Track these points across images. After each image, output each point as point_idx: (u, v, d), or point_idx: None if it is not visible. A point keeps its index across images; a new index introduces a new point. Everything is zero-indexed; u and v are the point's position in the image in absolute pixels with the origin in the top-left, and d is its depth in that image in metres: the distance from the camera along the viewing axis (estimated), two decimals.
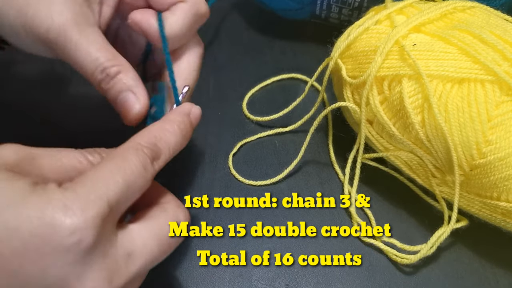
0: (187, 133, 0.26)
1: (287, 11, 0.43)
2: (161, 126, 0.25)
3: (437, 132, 0.28)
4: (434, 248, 0.31)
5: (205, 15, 0.30)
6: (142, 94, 0.27)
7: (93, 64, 0.26)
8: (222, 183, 0.35)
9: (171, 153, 0.25)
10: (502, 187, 0.27)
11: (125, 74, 0.27)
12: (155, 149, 0.23)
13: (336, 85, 0.36)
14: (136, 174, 0.21)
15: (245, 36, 0.46)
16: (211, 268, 0.31)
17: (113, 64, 0.26)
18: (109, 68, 0.26)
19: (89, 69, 0.26)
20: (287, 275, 0.31)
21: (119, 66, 0.27)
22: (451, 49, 0.29)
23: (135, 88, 0.27)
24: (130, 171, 0.21)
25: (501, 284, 0.31)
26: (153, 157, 0.23)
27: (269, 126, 0.39)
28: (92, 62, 0.26)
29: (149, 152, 0.23)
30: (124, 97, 0.27)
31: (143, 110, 0.27)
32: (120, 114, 0.27)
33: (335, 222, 0.33)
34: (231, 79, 0.42)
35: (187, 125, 0.26)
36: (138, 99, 0.27)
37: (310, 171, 0.36)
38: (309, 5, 0.41)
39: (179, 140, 0.25)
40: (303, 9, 0.42)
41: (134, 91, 0.27)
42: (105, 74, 0.26)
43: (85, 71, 0.26)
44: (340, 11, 0.41)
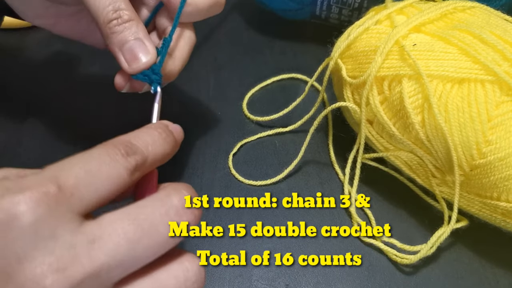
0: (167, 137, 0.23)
1: (287, 12, 0.43)
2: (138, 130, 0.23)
3: (437, 132, 0.28)
4: (434, 248, 0.31)
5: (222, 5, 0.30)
6: (152, 47, 0.27)
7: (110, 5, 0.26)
8: (222, 183, 0.35)
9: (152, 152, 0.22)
10: (502, 187, 0.27)
11: (137, 24, 0.26)
12: (128, 145, 0.21)
13: (336, 85, 0.36)
14: (98, 160, 0.19)
15: (245, 36, 0.46)
16: (211, 268, 0.31)
17: (128, 9, 0.26)
18: (123, 10, 0.26)
19: (103, 4, 0.26)
20: (287, 275, 0.31)
21: (133, 14, 0.26)
22: (451, 49, 0.29)
23: (145, 39, 0.27)
24: (91, 157, 0.19)
25: (501, 284, 0.31)
26: (126, 151, 0.20)
27: (269, 126, 0.39)
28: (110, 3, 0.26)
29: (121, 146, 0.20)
30: (135, 45, 0.26)
31: (150, 62, 0.27)
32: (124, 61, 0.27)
33: (335, 222, 0.33)
34: (231, 79, 0.42)
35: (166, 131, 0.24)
36: (148, 50, 0.27)
37: (310, 171, 0.36)
38: (309, 6, 0.41)
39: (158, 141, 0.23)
40: (303, 9, 0.42)
41: (144, 42, 0.27)
42: (118, 14, 0.26)
43: (97, 6, 0.26)
44: (340, 12, 0.41)
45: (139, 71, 0.27)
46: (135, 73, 0.27)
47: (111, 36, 0.27)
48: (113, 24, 0.26)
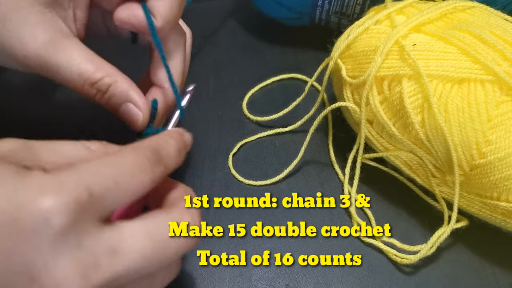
0: (181, 151, 0.25)
1: (285, 19, 0.43)
2: (161, 137, 0.24)
3: (437, 132, 0.28)
4: (434, 248, 0.31)
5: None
6: (142, 102, 0.27)
7: (80, 79, 0.25)
8: (222, 183, 0.35)
9: (171, 165, 0.23)
10: (502, 187, 0.27)
11: (115, 86, 0.26)
12: (156, 154, 0.22)
13: (336, 85, 0.36)
14: (129, 173, 0.20)
15: (245, 36, 0.46)
16: (211, 268, 0.31)
17: (100, 76, 0.26)
18: (97, 82, 0.26)
19: (78, 85, 0.26)
20: (287, 275, 0.31)
21: (106, 77, 0.26)
22: (451, 49, 0.29)
23: (132, 96, 0.27)
24: (123, 168, 0.20)
25: (501, 284, 0.31)
26: (154, 161, 0.22)
27: (269, 126, 0.39)
28: (79, 78, 0.25)
29: (150, 155, 0.22)
30: (125, 109, 0.27)
31: (146, 116, 0.27)
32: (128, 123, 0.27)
33: (335, 222, 0.33)
34: (231, 79, 0.42)
35: (182, 144, 0.25)
36: (140, 108, 0.27)
37: (310, 171, 0.36)
38: (308, 15, 0.41)
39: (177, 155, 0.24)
40: (302, 18, 0.42)
41: (132, 101, 0.27)
42: (96, 89, 0.26)
43: (75, 88, 0.26)
44: (339, 21, 0.41)
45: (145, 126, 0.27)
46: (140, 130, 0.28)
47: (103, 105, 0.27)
48: (98, 97, 0.26)
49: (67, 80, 0.25)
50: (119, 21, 0.27)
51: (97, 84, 0.26)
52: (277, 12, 0.42)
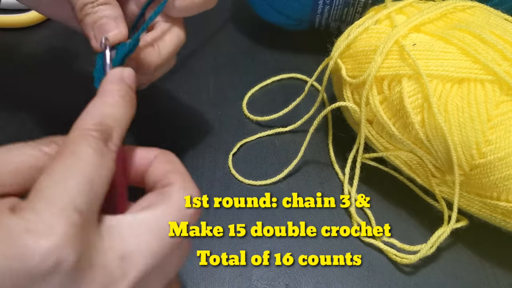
0: (130, 99, 0.23)
1: (285, 25, 0.43)
2: (100, 101, 0.22)
3: (437, 132, 0.28)
4: (434, 248, 0.31)
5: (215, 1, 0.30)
6: (123, 26, 0.27)
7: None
8: (222, 183, 0.35)
9: (123, 126, 0.22)
10: (502, 187, 0.27)
11: (112, 7, 0.27)
12: (104, 129, 0.20)
13: (336, 85, 0.36)
14: (94, 166, 0.19)
15: (245, 36, 0.46)
16: (211, 268, 0.31)
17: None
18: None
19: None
20: (287, 275, 0.31)
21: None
22: (451, 49, 0.29)
23: (117, 19, 0.26)
24: (86, 164, 0.18)
25: (501, 284, 0.31)
26: (105, 138, 0.20)
27: (269, 126, 0.39)
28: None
29: (99, 134, 0.20)
30: (105, 22, 0.26)
31: (118, 37, 0.26)
32: (92, 36, 0.26)
33: (335, 222, 0.33)
34: (231, 79, 0.42)
35: (127, 91, 0.23)
36: (118, 27, 0.26)
37: (310, 171, 0.36)
38: (307, 21, 0.41)
39: (125, 110, 0.22)
40: (301, 24, 0.42)
41: (116, 21, 0.26)
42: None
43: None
44: (339, 27, 0.42)
45: (104, 45, 0.26)
46: (99, 49, 0.26)
47: (85, 18, 0.26)
48: (88, 7, 0.26)
49: None
50: None
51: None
52: (277, 19, 0.42)
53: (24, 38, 0.45)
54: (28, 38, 0.45)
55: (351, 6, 0.39)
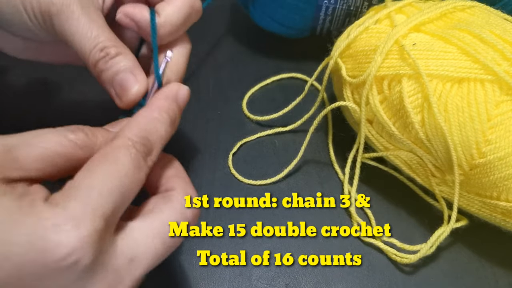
0: (175, 119, 0.25)
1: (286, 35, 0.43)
2: (150, 115, 0.23)
3: (436, 132, 0.28)
4: (434, 248, 0.31)
5: (199, 11, 0.29)
6: (142, 76, 0.26)
7: (94, 41, 0.25)
8: (222, 183, 0.35)
9: (163, 144, 0.23)
10: (502, 187, 0.27)
11: (125, 56, 0.26)
12: (147, 144, 0.22)
13: (336, 84, 0.36)
14: (130, 178, 0.20)
15: (245, 35, 0.46)
16: (211, 268, 0.31)
17: (114, 45, 0.26)
18: (109, 48, 0.26)
19: (88, 46, 0.25)
20: (287, 275, 0.31)
21: (119, 48, 0.26)
22: (451, 48, 0.29)
23: (134, 69, 0.26)
24: (123, 175, 0.20)
25: (501, 284, 0.31)
26: (146, 152, 0.21)
27: (269, 125, 0.39)
28: (93, 39, 0.25)
29: (142, 147, 0.21)
30: (123, 77, 0.26)
31: (141, 91, 0.26)
32: (115, 95, 0.27)
33: (335, 222, 0.33)
34: (231, 79, 0.42)
35: (176, 111, 0.25)
36: (138, 80, 0.26)
37: (310, 171, 0.36)
38: (308, 31, 0.41)
39: (169, 129, 0.24)
40: (302, 33, 0.42)
41: (133, 73, 0.26)
42: (105, 53, 0.26)
43: (83, 49, 0.26)
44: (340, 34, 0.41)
45: (131, 103, 0.26)
46: (128, 107, 0.26)
47: (101, 75, 0.26)
48: (101, 63, 0.26)
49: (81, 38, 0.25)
50: (123, 13, 0.27)
51: (108, 49, 0.26)
52: (278, 29, 0.42)
53: None
54: None
55: (353, 16, 0.39)
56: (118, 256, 0.19)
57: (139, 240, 0.20)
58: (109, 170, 0.20)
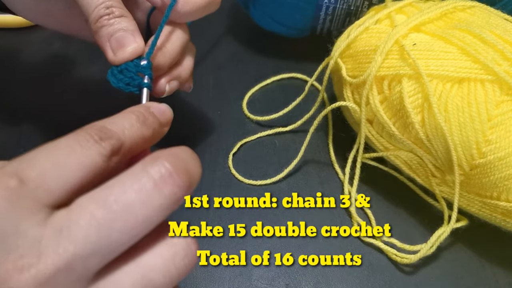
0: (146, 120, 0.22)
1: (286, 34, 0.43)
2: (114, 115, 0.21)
3: (437, 132, 0.28)
4: (434, 248, 0.31)
5: (218, 3, 0.30)
6: (140, 39, 0.27)
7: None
8: (222, 183, 0.35)
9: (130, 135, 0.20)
10: (502, 187, 0.27)
11: (128, 20, 0.27)
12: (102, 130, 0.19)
13: (336, 84, 0.36)
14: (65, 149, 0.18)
15: (245, 35, 0.46)
16: (211, 268, 0.31)
17: (120, 7, 0.27)
18: (115, 8, 0.26)
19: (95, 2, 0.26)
20: (287, 275, 0.31)
21: (124, 11, 0.27)
22: (451, 48, 0.29)
23: (134, 32, 0.27)
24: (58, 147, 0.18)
25: (501, 284, 0.31)
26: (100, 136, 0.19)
27: (269, 125, 0.39)
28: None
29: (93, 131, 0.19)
30: (122, 35, 0.27)
31: (137, 51, 0.27)
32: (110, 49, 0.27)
33: (335, 222, 0.33)
34: (231, 79, 0.42)
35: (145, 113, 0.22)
36: (136, 41, 0.27)
37: (310, 171, 0.36)
38: (308, 30, 0.41)
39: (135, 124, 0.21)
40: (302, 33, 0.42)
41: (133, 34, 0.27)
42: (110, 10, 0.26)
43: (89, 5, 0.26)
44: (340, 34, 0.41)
45: (124, 60, 0.27)
46: (120, 62, 0.27)
47: (100, 30, 0.27)
48: (104, 19, 0.26)
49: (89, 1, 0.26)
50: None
51: (113, 9, 0.26)
52: (278, 29, 0.42)
53: (24, 38, 0.45)
54: (28, 38, 0.45)
55: (353, 15, 0.39)
56: (42, 227, 0.16)
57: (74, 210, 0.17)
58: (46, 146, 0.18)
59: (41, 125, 0.38)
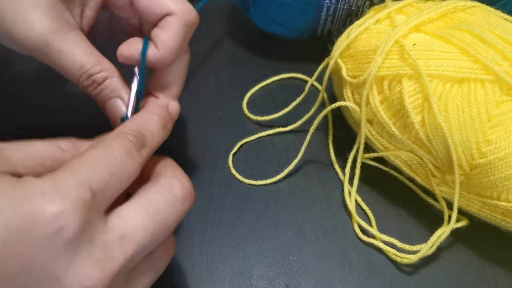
0: (167, 125, 0.26)
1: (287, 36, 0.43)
2: (143, 116, 0.25)
3: (437, 132, 0.28)
4: (434, 248, 0.31)
5: (195, 23, 0.29)
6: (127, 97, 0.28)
7: (78, 70, 0.26)
8: (222, 183, 0.35)
9: (155, 142, 0.24)
10: (502, 187, 0.27)
11: (111, 80, 0.27)
12: (140, 136, 0.23)
13: (336, 84, 0.36)
14: (120, 161, 0.21)
15: (245, 36, 0.46)
16: (211, 268, 0.31)
17: (99, 70, 0.27)
18: (94, 75, 0.26)
19: (74, 75, 0.26)
20: (287, 275, 0.31)
21: (104, 71, 0.27)
22: (451, 48, 0.29)
23: (122, 93, 0.28)
24: (114, 157, 0.21)
25: (501, 284, 0.31)
26: (139, 144, 0.22)
27: (269, 125, 0.39)
28: (77, 69, 0.26)
29: (134, 139, 0.22)
30: (113, 104, 0.27)
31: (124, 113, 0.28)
32: (109, 118, 0.28)
33: (335, 222, 0.33)
34: (231, 79, 0.42)
35: (167, 117, 0.26)
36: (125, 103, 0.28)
37: (310, 171, 0.36)
38: (309, 31, 0.41)
39: (161, 131, 0.25)
40: (303, 34, 0.42)
41: (121, 97, 0.27)
42: (91, 80, 0.27)
43: (70, 77, 0.27)
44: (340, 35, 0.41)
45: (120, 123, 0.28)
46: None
47: (92, 97, 0.28)
48: (90, 89, 0.27)
49: (65, 68, 0.26)
50: (121, 57, 0.28)
51: (94, 77, 0.27)
52: (278, 31, 0.42)
53: None
54: None
55: (354, 16, 0.39)
56: (108, 233, 0.19)
57: (129, 218, 0.20)
58: (100, 152, 0.21)
59: (41, 125, 0.38)
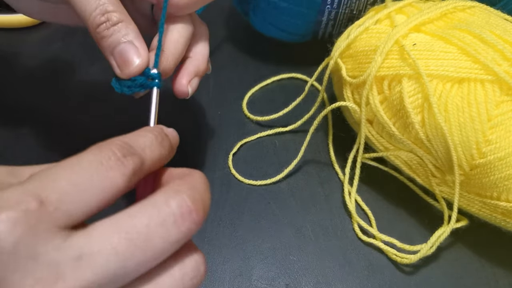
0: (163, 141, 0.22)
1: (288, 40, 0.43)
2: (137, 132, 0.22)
3: (437, 132, 0.28)
4: (434, 248, 0.31)
5: None
6: (144, 48, 0.26)
7: (95, 3, 0.25)
8: (222, 183, 0.35)
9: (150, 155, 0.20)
10: (502, 187, 0.27)
11: (126, 25, 0.25)
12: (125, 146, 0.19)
13: (336, 84, 0.36)
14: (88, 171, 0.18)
15: (245, 36, 0.46)
16: (211, 268, 0.31)
17: (116, 10, 0.25)
18: (111, 13, 0.25)
19: (90, 8, 0.25)
20: (287, 275, 0.31)
21: (121, 14, 0.25)
22: (451, 48, 0.29)
23: (136, 40, 0.26)
24: (80, 167, 0.18)
25: (501, 284, 0.31)
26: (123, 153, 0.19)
27: (269, 125, 0.39)
28: (94, 0, 0.25)
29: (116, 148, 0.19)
30: (124, 48, 0.25)
31: (142, 66, 0.26)
32: (115, 65, 0.26)
33: (335, 222, 0.33)
34: (231, 79, 0.42)
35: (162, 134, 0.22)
36: (139, 52, 0.25)
37: (310, 171, 0.36)
38: (310, 35, 0.41)
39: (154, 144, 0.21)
40: (304, 38, 0.42)
41: (135, 44, 0.25)
42: (106, 18, 0.25)
43: (84, 10, 0.25)
44: None
45: (131, 75, 0.26)
46: (127, 77, 0.26)
47: (101, 41, 0.26)
48: (102, 28, 0.25)
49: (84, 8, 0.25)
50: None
51: (109, 14, 0.25)
52: (279, 35, 0.42)
53: (24, 38, 0.45)
54: (28, 38, 0.45)
55: (355, 19, 0.39)
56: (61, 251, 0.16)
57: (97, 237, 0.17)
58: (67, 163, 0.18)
59: (41, 125, 0.38)
